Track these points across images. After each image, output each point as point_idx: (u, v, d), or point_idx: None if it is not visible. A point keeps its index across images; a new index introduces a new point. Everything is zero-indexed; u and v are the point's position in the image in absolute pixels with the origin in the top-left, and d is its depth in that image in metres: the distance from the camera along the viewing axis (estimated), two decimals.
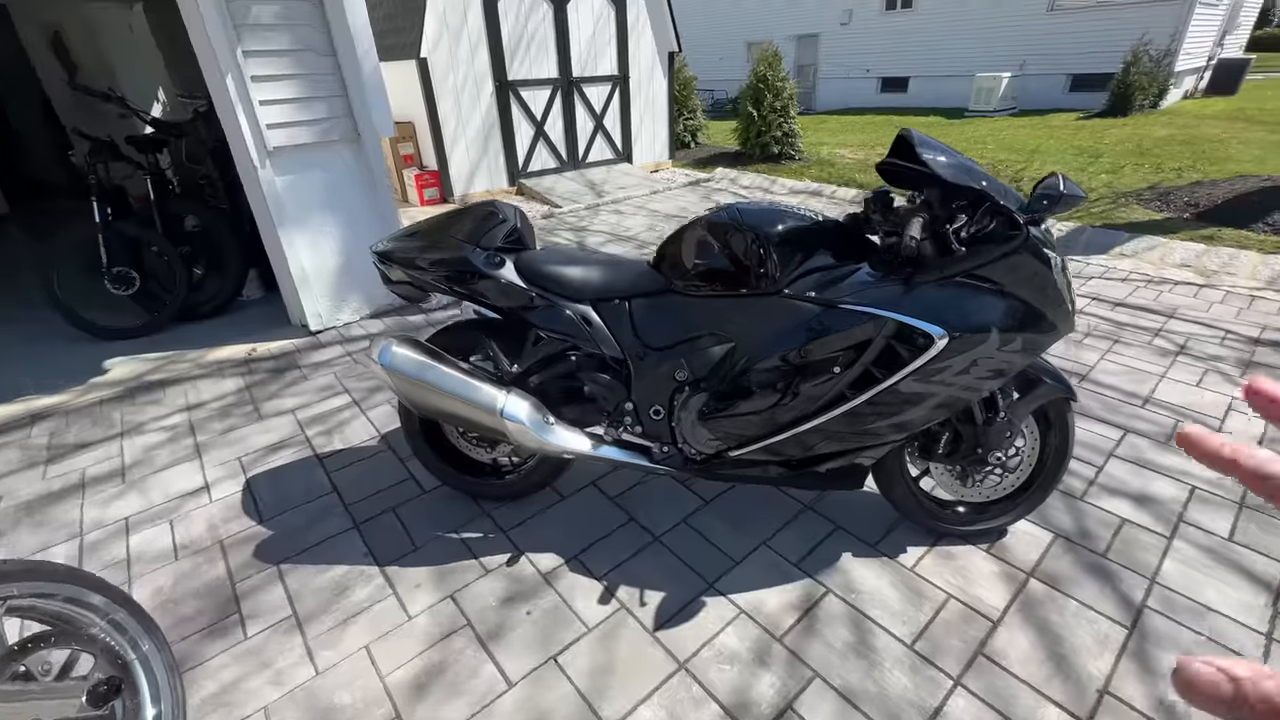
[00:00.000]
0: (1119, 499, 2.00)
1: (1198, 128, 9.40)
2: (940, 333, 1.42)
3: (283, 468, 2.29)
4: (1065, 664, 1.48)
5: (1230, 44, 15.05)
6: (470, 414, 1.67)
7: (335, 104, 3.08)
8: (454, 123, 5.85)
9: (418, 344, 1.72)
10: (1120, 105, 11.17)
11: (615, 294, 1.69)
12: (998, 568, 1.76)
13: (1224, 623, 1.57)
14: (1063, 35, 12.89)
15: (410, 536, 1.94)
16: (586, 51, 6.59)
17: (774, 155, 8.15)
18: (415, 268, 1.72)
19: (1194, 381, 2.67)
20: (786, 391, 1.53)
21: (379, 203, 3.41)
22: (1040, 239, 1.43)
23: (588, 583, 1.76)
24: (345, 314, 3.50)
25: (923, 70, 15.18)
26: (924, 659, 1.50)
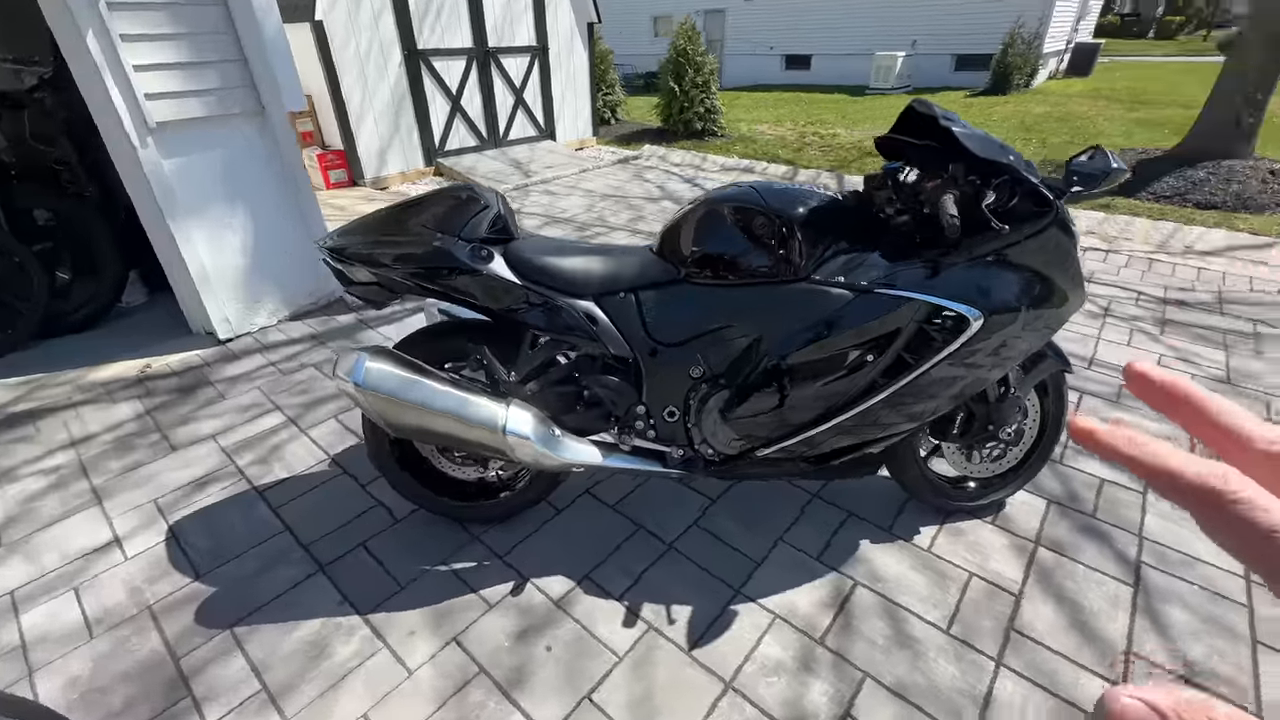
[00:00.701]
0: (1092, 459, 2.11)
1: (1067, 105, 10.37)
2: (975, 314, 1.37)
3: (214, 508, 1.94)
4: (1088, 630, 1.52)
5: (1083, 29, 16.72)
6: (466, 433, 1.44)
7: (232, 70, 2.61)
8: (359, 96, 5.26)
9: (394, 356, 1.46)
10: (1000, 84, 12.12)
11: (621, 286, 1.52)
12: (1006, 540, 1.79)
13: (1210, 570, 1.68)
14: (948, 16, 13.72)
15: (391, 574, 1.69)
16: (502, 19, 6.14)
17: (698, 132, 8.09)
18: (380, 265, 1.45)
19: (1125, 341, 2.89)
20: (820, 383, 1.44)
21: (293, 187, 2.96)
22: (1066, 216, 1.41)
23: (607, 604, 1.60)
24: (260, 317, 3.04)
25: (824, 48, 15.67)
26: (963, 643, 1.49)
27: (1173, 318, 3.13)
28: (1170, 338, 2.92)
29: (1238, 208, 4.45)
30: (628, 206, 5.21)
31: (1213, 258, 3.89)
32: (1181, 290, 3.45)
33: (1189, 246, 4.04)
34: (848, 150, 7.24)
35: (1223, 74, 4.99)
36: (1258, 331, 2.97)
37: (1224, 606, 1.58)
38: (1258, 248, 3.94)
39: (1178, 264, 3.83)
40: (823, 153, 7.16)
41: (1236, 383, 2.55)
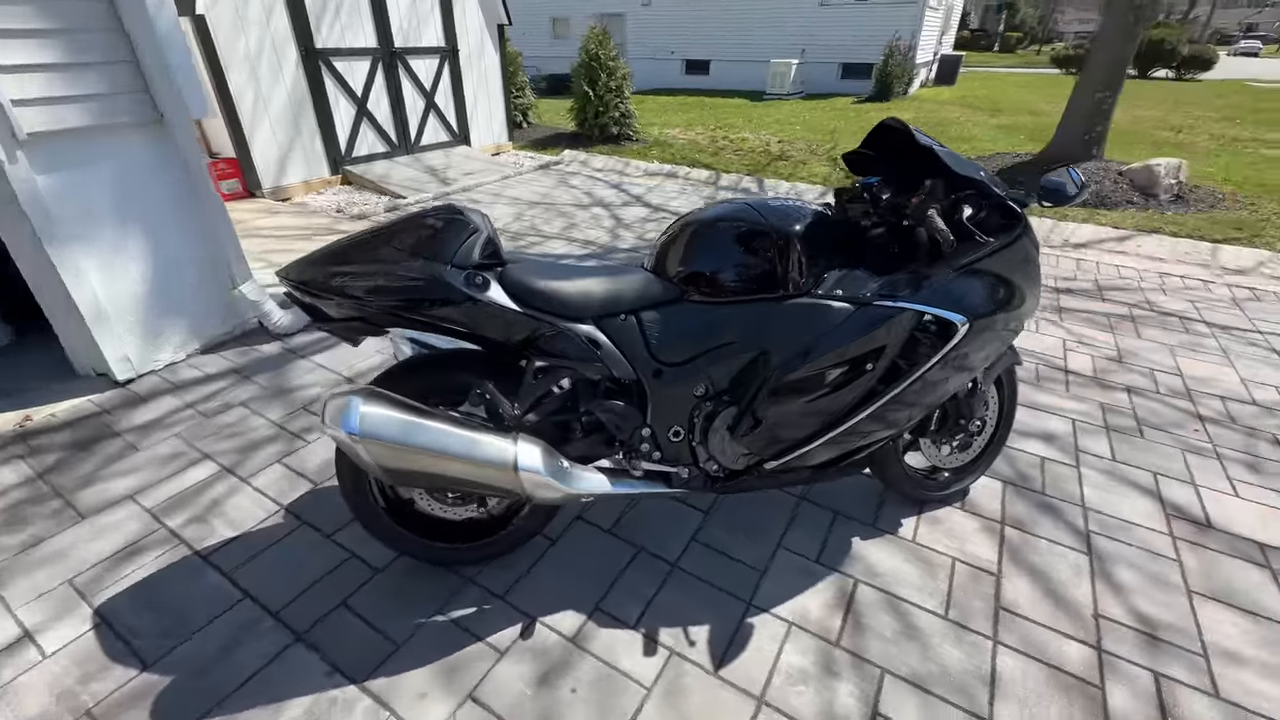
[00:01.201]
0: (1032, 440, 2.33)
1: (940, 112, 11.44)
2: (962, 320, 1.47)
3: (150, 582, 1.67)
4: (1061, 599, 1.68)
5: (946, 43, 18.53)
6: (475, 474, 1.34)
7: (121, 73, 2.26)
8: (252, 98, 4.77)
9: (388, 398, 1.33)
10: (883, 92, 13.15)
11: (622, 308, 1.48)
12: (977, 523, 1.94)
13: (1143, 532, 1.91)
14: (833, 27, 14.71)
15: (383, 633, 1.54)
16: (408, 19, 5.81)
17: (614, 136, 8.10)
18: (364, 298, 1.32)
19: (1033, 328, 3.23)
20: (825, 394, 1.48)
21: (201, 203, 2.62)
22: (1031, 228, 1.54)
23: (625, 635, 1.56)
24: (166, 353, 2.67)
25: (722, 54, 16.25)
26: (961, 627, 1.60)
27: (1066, 305, 3.53)
28: (1068, 323, 3.30)
29: (1098, 205, 5.12)
30: (559, 214, 5.11)
31: (1086, 250, 4.44)
32: (1068, 280, 3.91)
33: (1066, 240, 4.59)
34: (759, 154, 7.55)
35: (1077, 87, 5.72)
36: (1133, 315, 3.43)
37: (1159, 563, 1.80)
38: (1119, 239, 4.55)
39: (1060, 256, 4.33)
40: (737, 157, 7.42)
41: (1126, 361, 2.92)
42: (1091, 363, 2.91)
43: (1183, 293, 3.76)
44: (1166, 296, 3.69)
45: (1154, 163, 5.28)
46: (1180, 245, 4.39)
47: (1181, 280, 3.94)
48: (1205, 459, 2.25)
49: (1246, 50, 38.08)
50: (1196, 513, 1.99)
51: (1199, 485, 2.12)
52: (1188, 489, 2.10)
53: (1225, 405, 2.58)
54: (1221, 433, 2.40)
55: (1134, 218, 4.86)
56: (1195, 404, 2.59)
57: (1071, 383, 2.73)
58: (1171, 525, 1.94)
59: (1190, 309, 3.52)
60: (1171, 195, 5.25)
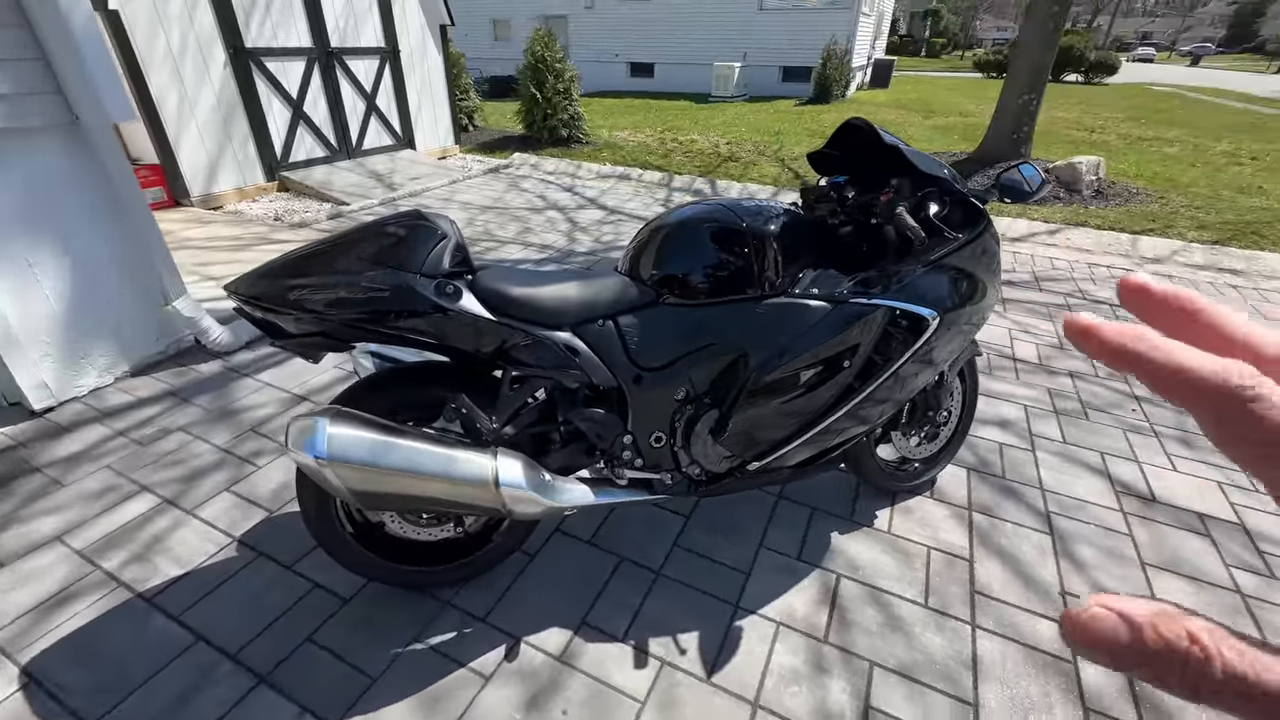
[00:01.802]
0: (989, 427, 2.43)
1: (878, 114, 11.89)
2: (933, 314, 1.51)
3: (87, 631, 1.52)
4: (1030, 580, 1.75)
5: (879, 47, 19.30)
6: (454, 494, 1.28)
7: (29, 72, 2.05)
8: (176, 101, 4.46)
9: (357, 417, 1.25)
10: (823, 94, 13.55)
11: (599, 314, 1.44)
12: (947, 510, 2.00)
13: (1097, 509, 2.02)
14: (773, 32, 15.06)
15: (357, 667, 1.45)
16: (344, 17, 5.57)
17: (563, 139, 8.02)
18: (327, 311, 1.23)
19: None
20: (805, 392, 1.49)
21: (126, 214, 2.42)
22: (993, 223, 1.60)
23: (614, 648, 1.52)
24: (90, 377, 2.45)
25: (666, 57, 16.38)
26: (941, 613, 1.63)
27: (1008, 296, 3.71)
28: (1012, 313, 3.47)
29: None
30: (512, 219, 5.00)
31: (1021, 243, 4.69)
32: (1008, 272, 4.11)
33: (1004, 234, 4.83)
34: (709, 156, 7.63)
35: (1004, 90, 6.04)
36: (1068, 304, 3.64)
37: (1114, 538, 1.90)
38: (1050, 233, 4.82)
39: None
40: (688, 158, 7.47)
41: (1066, 348, 3.09)
42: (1036, 350, 3.06)
43: (1110, 282, 4.01)
44: (1096, 285, 3.94)
45: (1076, 160, 5.64)
46: (1104, 237, 4.69)
47: (1108, 270, 4.21)
48: (1144, 437, 2.40)
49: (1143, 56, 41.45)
50: (1142, 488, 2.12)
51: (1142, 462, 2.25)
52: (1132, 466, 2.23)
53: None
54: (1155, 410, 2.57)
55: (1062, 212, 5.17)
56: (1130, 385, 2.77)
57: (1020, 370, 2.87)
58: (1121, 501, 2.06)
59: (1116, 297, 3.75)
60: (1093, 191, 5.62)
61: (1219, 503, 2.06)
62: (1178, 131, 10.15)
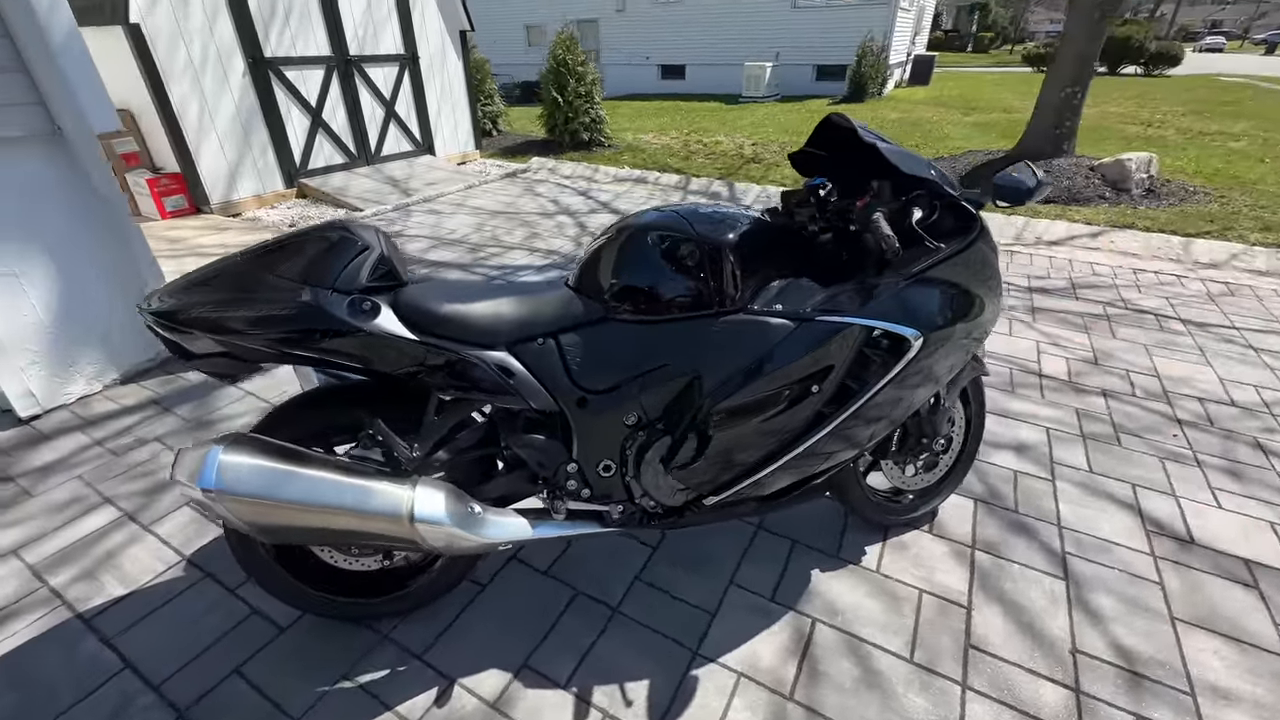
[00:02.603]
0: (1003, 452, 2.20)
1: (915, 112, 11.44)
2: (915, 334, 1.33)
3: (20, 652, 1.48)
4: (1036, 633, 1.54)
5: (919, 43, 18.65)
6: (365, 527, 1.18)
7: (8, 83, 2.07)
8: (197, 110, 4.57)
9: (257, 443, 1.16)
10: (857, 93, 13.15)
11: (538, 331, 1.31)
12: (946, 547, 1.80)
13: (1123, 552, 1.78)
14: (806, 30, 14.71)
15: (279, 706, 1.36)
16: (363, 25, 5.63)
17: (585, 142, 7.96)
18: (232, 331, 1.14)
19: (1006, 330, 3.12)
20: (766, 420, 1.33)
21: (110, 223, 2.43)
22: (988, 230, 1.41)
23: (554, 695, 1.39)
24: (77, 385, 2.47)
25: (697, 59, 16.21)
26: (928, 670, 1.45)
27: (1040, 305, 3.43)
28: (1041, 324, 3.19)
29: (1070, 201, 5.05)
30: (521, 223, 4.95)
31: (1058, 247, 4.36)
32: (1040, 279, 3.81)
33: (1039, 238, 4.51)
34: (732, 158, 7.44)
35: (1045, 84, 5.67)
36: (1107, 314, 3.33)
37: (1140, 586, 1.67)
38: (1092, 235, 4.47)
39: (1034, 254, 4.24)
40: (709, 160, 7.30)
41: (1101, 363, 2.81)
42: (1066, 366, 2.79)
43: (1157, 289, 3.67)
44: (1141, 293, 3.60)
45: (1125, 157, 5.23)
46: (1153, 240, 4.32)
47: (1155, 276, 3.86)
48: (1185, 466, 2.13)
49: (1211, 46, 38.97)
50: (1178, 528, 1.87)
51: (1180, 496, 1.99)
52: (1168, 501, 1.97)
53: (1204, 407, 2.47)
54: (1200, 437, 2.29)
55: (1106, 213, 4.79)
56: (1173, 406, 2.48)
57: (1046, 388, 2.61)
58: (1152, 543, 1.81)
59: (1165, 306, 3.43)
60: (1143, 190, 5.20)
61: (1271, 547, 1.80)
62: (1245, 125, 9.40)
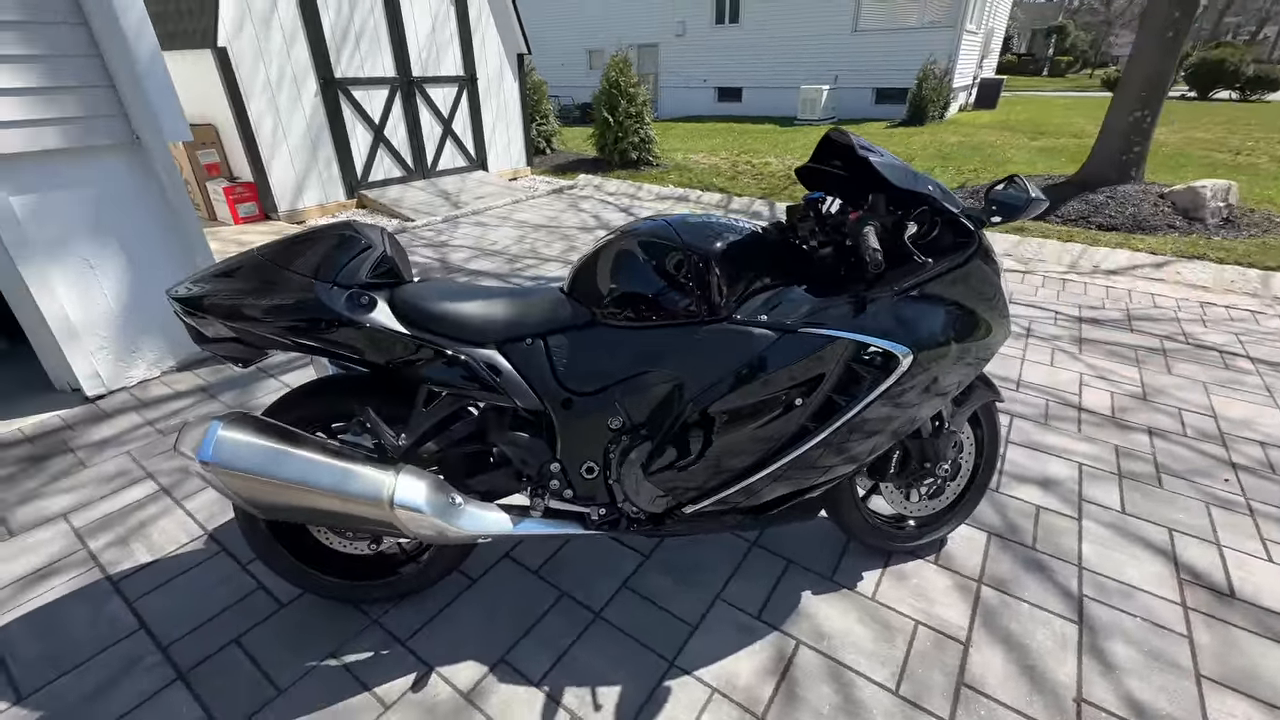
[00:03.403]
0: (1028, 486, 2.08)
1: (977, 135, 11.08)
2: (905, 351, 1.30)
3: (55, 606, 1.62)
4: (1038, 676, 1.44)
5: (987, 66, 18.10)
6: (349, 508, 1.24)
7: (97, 97, 2.33)
8: (271, 126, 4.96)
9: (256, 423, 1.25)
10: (917, 116, 12.86)
11: (527, 332, 1.36)
12: (950, 580, 1.71)
13: (1148, 599, 1.65)
14: (867, 53, 14.56)
15: (268, 677, 1.44)
16: (426, 49, 5.99)
17: (633, 161, 8.12)
18: (242, 318, 1.24)
19: (1048, 361, 2.96)
20: (747, 430, 1.32)
21: (178, 225, 2.67)
22: (988, 246, 1.37)
23: (525, 692, 1.41)
24: (139, 370, 2.70)
25: (754, 81, 16.29)
26: (913, 705, 1.38)
27: (1088, 336, 3.24)
28: (1088, 355, 3.01)
29: (1134, 229, 4.76)
30: (561, 237, 5.08)
31: (1118, 276, 4.10)
32: (1093, 309, 3.60)
33: (1096, 266, 4.26)
34: (779, 179, 7.41)
35: (1112, 107, 5.39)
36: (1164, 348, 3.11)
37: (1165, 638, 1.54)
38: (1156, 266, 4.19)
39: (1088, 283, 4.02)
40: (755, 180, 7.30)
41: (1151, 399, 2.62)
42: (1110, 400, 2.62)
43: (1226, 324, 3.40)
44: (1206, 328, 3.34)
45: (1199, 184, 4.90)
46: (1226, 272, 4.01)
47: (1226, 310, 3.57)
48: (1235, 514, 1.96)
49: None
50: (1218, 579, 1.71)
51: (1224, 545, 1.83)
52: (1209, 550, 1.81)
53: (1265, 453, 2.27)
54: (1258, 484, 2.09)
55: (1175, 243, 4.49)
56: (1229, 450, 2.29)
57: (1085, 422, 2.46)
58: (1185, 593, 1.67)
59: (1233, 342, 3.17)
60: (1220, 219, 4.84)
61: None
62: None
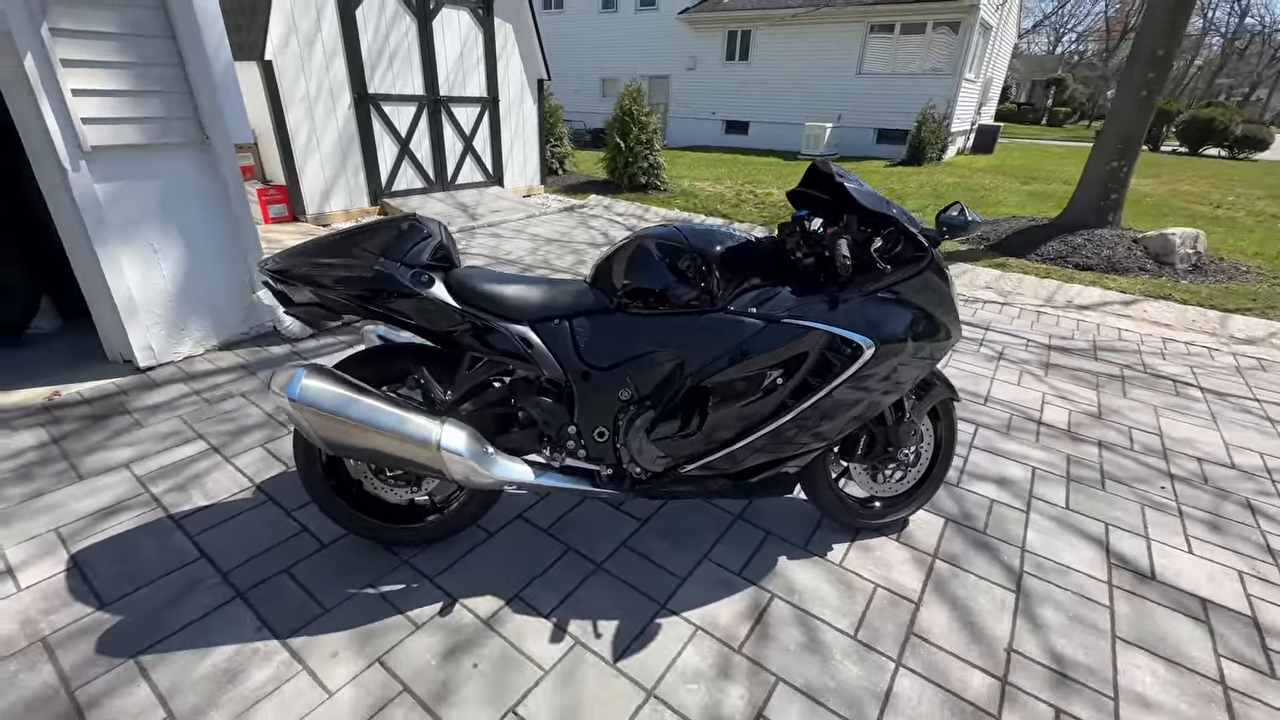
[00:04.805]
0: (985, 483, 2.34)
1: (972, 178, 11.55)
2: (869, 343, 1.57)
3: (123, 536, 1.85)
4: (977, 630, 1.68)
5: (985, 113, 18.80)
6: (402, 450, 1.49)
7: (176, 101, 2.63)
8: (306, 134, 5.29)
9: (332, 373, 1.51)
10: (916, 157, 13.37)
11: (556, 314, 1.63)
12: (909, 554, 1.96)
13: (1079, 577, 1.89)
14: (869, 95, 15.16)
15: (315, 599, 1.67)
16: (454, 71, 6.38)
17: (641, 185, 8.49)
18: (322, 286, 1.51)
19: (1015, 381, 3.23)
20: (735, 403, 1.59)
21: (233, 218, 2.95)
22: (940, 260, 1.65)
23: (536, 622, 1.64)
24: (186, 346, 2.96)
25: (760, 116, 16.89)
26: (867, 646, 1.61)
27: (1055, 362, 3.52)
28: (1052, 378, 3.29)
29: (1108, 270, 5.09)
30: (571, 250, 5.39)
31: (1089, 311, 4.41)
32: (1063, 339, 3.89)
33: (1070, 301, 4.57)
34: (779, 207, 7.77)
35: (1091, 157, 5.78)
36: (1124, 375, 3.39)
37: (1089, 608, 1.78)
38: (1125, 304, 4.50)
39: (1061, 316, 4.32)
40: (757, 209, 7.66)
41: (1105, 418, 2.89)
42: (1068, 417, 2.89)
43: (1183, 358, 3.69)
44: (1165, 360, 3.63)
45: (1170, 231, 5.25)
46: (1189, 312, 4.32)
47: (1185, 346, 3.87)
48: (1165, 515, 2.21)
49: None
50: (1142, 564, 1.96)
51: (1152, 539, 2.08)
52: (1138, 541, 2.06)
53: (1201, 466, 2.53)
54: (1190, 492, 2.35)
55: (1144, 284, 4.81)
56: (1169, 463, 2.55)
57: (1042, 434, 2.72)
58: (1112, 574, 1.91)
59: (1187, 373, 3.45)
60: (1189, 265, 5.18)
61: (1233, 591, 1.87)
62: None
